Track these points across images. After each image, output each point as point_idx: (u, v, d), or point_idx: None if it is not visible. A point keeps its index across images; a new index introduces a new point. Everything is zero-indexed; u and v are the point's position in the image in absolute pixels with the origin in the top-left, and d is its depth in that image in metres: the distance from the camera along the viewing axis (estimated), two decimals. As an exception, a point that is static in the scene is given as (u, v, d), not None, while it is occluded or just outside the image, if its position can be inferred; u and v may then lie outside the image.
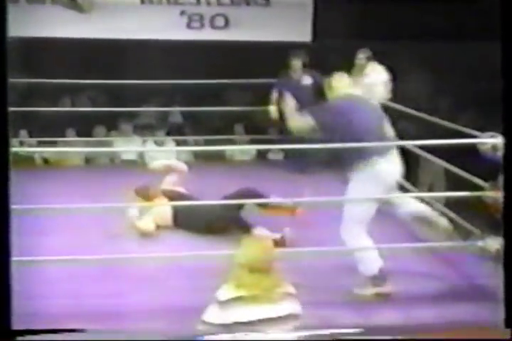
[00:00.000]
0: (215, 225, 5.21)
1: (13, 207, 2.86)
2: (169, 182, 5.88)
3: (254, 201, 5.13)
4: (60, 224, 5.27)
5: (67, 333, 2.80)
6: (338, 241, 4.34)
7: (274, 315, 2.93)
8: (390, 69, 7.23)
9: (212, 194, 5.20)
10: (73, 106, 8.83)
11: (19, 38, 7.64)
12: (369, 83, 7.23)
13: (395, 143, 4.65)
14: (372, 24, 8.46)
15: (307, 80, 7.39)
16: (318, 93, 7.34)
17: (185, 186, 5.82)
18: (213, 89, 8.34)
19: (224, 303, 2.94)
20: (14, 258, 2.80)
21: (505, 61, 2.93)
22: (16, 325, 2.74)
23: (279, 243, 4.73)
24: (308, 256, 4.41)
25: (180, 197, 5.53)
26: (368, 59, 7.26)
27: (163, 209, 5.41)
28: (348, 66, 7.58)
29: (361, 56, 7.25)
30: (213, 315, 2.95)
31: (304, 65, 7.41)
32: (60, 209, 4.59)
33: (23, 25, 7.79)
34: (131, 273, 4.43)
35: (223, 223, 5.19)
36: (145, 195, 5.64)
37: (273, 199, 5.26)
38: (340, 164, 4.61)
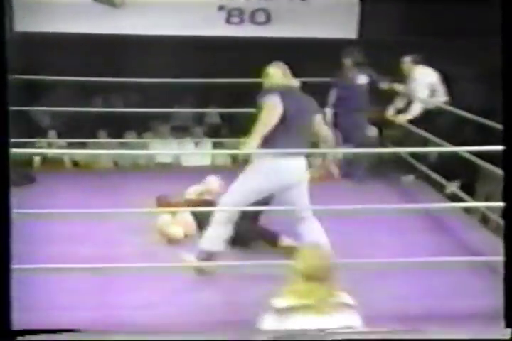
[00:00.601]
0: (240, 236, 5.17)
1: (14, 211, 2.97)
2: (193, 193, 5.87)
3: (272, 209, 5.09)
4: (87, 231, 5.28)
5: (67, 333, 2.89)
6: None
7: (329, 326, 2.93)
8: (438, 67, 7.20)
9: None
10: (104, 106, 8.87)
11: (48, 33, 7.81)
12: (416, 86, 7.22)
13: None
14: (420, 19, 8.36)
15: (362, 79, 7.35)
16: (374, 92, 7.33)
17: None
18: (253, 89, 8.30)
19: (280, 311, 2.98)
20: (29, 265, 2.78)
21: (506, 61, 3.04)
22: (16, 325, 2.84)
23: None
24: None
25: (207, 205, 5.49)
26: (415, 62, 7.29)
27: (186, 220, 5.41)
28: (394, 63, 7.56)
29: (407, 60, 7.31)
30: (270, 323, 2.99)
31: (357, 63, 7.36)
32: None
33: (53, 21, 7.87)
34: (163, 283, 4.43)
35: (245, 234, 5.15)
36: (166, 205, 5.66)
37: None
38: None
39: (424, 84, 7.22)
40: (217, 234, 4.68)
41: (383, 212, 5.00)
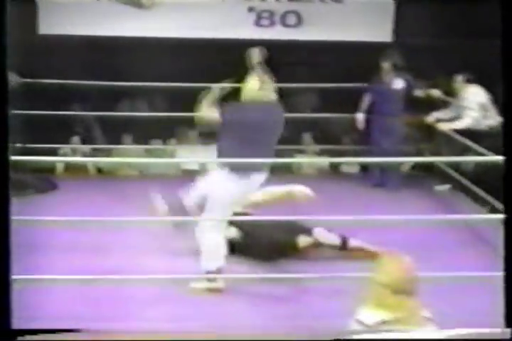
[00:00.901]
0: (276, 250, 5.13)
1: (13, 218, 2.96)
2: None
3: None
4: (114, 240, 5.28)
5: (67, 333, 2.92)
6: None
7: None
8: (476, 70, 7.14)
9: (277, 211, 5.13)
10: (130, 111, 8.88)
11: (74, 36, 7.85)
12: (465, 106, 7.16)
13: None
14: (456, 22, 8.28)
15: (399, 84, 7.30)
16: (410, 97, 7.27)
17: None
18: (281, 93, 8.27)
19: (372, 326, 2.93)
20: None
21: (506, 61, 3.08)
22: (16, 324, 2.86)
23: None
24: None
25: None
26: (466, 81, 7.24)
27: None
28: (430, 67, 7.49)
29: (459, 78, 7.27)
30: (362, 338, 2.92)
31: (395, 67, 7.31)
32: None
33: (80, 23, 7.89)
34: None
35: (284, 246, 5.12)
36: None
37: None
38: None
39: (475, 104, 7.16)
40: (216, 249, 4.69)
41: (418, 223, 4.93)
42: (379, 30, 8.30)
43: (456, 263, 4.95)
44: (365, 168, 7.84)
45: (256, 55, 5.26)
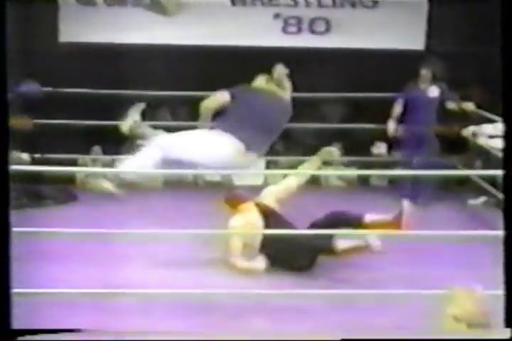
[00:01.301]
0: (303, 259, 5.14)
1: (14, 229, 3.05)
2: (268, 196, 5.85)
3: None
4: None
5: (67, 333, 2.97)
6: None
7: None
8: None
9: (303, 225, 5.15)
10: (153, 119, 8.94)
11: (96, 43, 7.93)
12: None
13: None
14: (491, 29, 8.26)
15: (434, 92, 7.32)
16: (443, 108, 7.27)
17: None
18: (309, 103, 8.31)
19: None
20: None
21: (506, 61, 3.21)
22: (16, 324, 2.97)
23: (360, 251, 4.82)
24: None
25: (274, 217, 5.47)
26: None
27: (254, 224, 5.38)
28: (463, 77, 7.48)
29: None
30: None
31: (433, 76, 7.33)
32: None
33: (102, 30, 7.98)
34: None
35: (313, 255, 5.12)
36: (234, 203, 5.68)
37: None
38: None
39: None
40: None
41: (451, 239, 4.92)
42: (411, 37, 8.30)
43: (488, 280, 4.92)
44: (394, 180, 7.84)
45: (281, 70, 5.41)
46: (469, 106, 7.39)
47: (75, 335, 2.97)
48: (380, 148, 8.32)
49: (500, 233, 4.15)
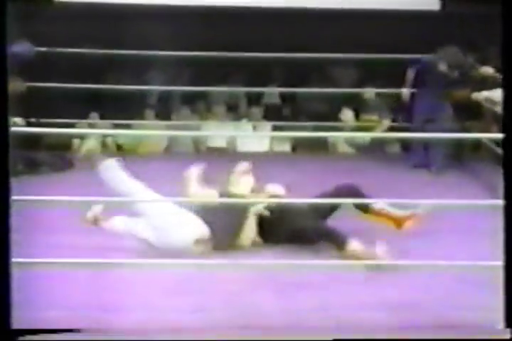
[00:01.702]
0: (300, 235, 5.13)
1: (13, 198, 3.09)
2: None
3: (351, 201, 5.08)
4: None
5: (67, 333, 3.05)
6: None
7: None
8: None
9: (309, 193, 5.12)
10: (151, 83, 8.90)
11: (92, 3, 7.84)
12: None
13: None
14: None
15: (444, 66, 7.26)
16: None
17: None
18: (318, 65, 8.26)
19: None
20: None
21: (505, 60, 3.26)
22: (16, 324, 3.01)
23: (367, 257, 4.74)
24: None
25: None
26: None
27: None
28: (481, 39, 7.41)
29: None
30: None
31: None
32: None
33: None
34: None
35: (309, 233, 5.11)
36: None
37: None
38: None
39: None
40: None
41: (464, 207, 4.89)
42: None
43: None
44: (406, 147, 7.82)
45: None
46: (487, 71, 7.31)
47: (75, 335, 3.02)
48: (347, 115, 8.32)
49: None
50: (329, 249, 4.98)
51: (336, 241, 4.98)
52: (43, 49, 7.52)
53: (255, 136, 8.47)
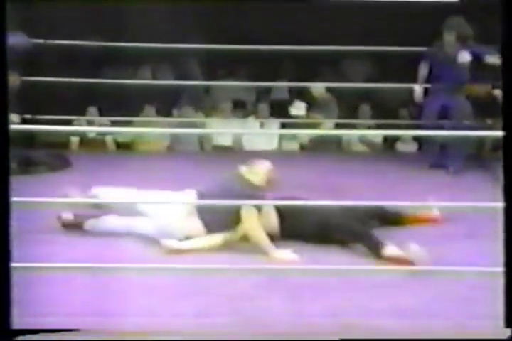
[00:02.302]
0: (331, 233, 5.14)
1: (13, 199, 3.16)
2: None
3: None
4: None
5: (67, 333, 3.14)
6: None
7: None
8: None
9: (323, 193, 5.15)
10: (154, 78, 8.92)
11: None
12: None
13: None
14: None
15: (465, 57, 7.21)
16: (478, 67, 7.18)
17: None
18: (330, 59, 8.25)
19: None
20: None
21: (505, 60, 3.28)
22: (16, 324, 3.09)
23: (403, 262, 4.72)
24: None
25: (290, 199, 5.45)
26: None
27: (268, 216, 5.36)
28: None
29: None
30: None
31: (461, 38, 7.23)
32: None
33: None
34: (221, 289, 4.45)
35: (343, 232, 5.12)
36: None
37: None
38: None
39: None
40: None
41: (482, 210, 4.89)
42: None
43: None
44: (423, 146, 7.82)
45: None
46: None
47: (75, 335, 3.09)
48: (299, 109, 8.34)
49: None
50: (363, 252, 4.98)
51: (373, 244, 4.96)
52: (39, 41, 7.54)
53: (263, 134, 8.49)
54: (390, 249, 4.90)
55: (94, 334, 3.15)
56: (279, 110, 8.67)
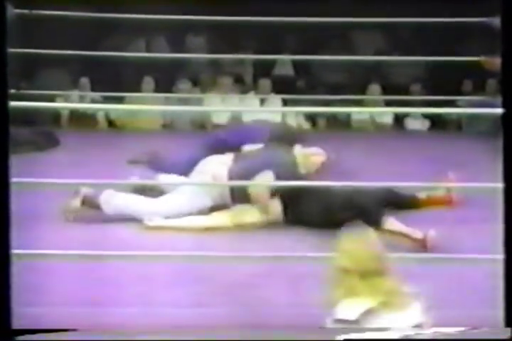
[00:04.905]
0: (331, 212, 5.18)
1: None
2: None
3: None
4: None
5: (66, 333, 3.19)
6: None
7: (410, 323, 2.90)
8: None
9: (331, 173, 5.16)
10: (148, 51, 8.91)
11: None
12: None
13: None
14: None
15: None
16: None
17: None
18: (337, 30, 8.25)
19: (359, 321, 2.89)
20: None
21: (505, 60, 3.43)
22: (16, 324, 3.20)
23: (419, 244, 4.82)
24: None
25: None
26: None
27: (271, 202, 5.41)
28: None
29: None
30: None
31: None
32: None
33: None
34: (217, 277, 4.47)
35: (341, 208, 5.16)
36: None
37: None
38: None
39: None
40: None
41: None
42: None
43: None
44: (436, 125, 7.86)
45: None
46: None
47: (74, 335, 3.14)
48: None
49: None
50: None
51: (372, 219, 4.97)
52: (24, 11, 7.50)
53: (263, 111, 8.48)
54: (390, 222, 4.95)
55: (94, 334, 3.19)
56: (283, 86, 8.67)
